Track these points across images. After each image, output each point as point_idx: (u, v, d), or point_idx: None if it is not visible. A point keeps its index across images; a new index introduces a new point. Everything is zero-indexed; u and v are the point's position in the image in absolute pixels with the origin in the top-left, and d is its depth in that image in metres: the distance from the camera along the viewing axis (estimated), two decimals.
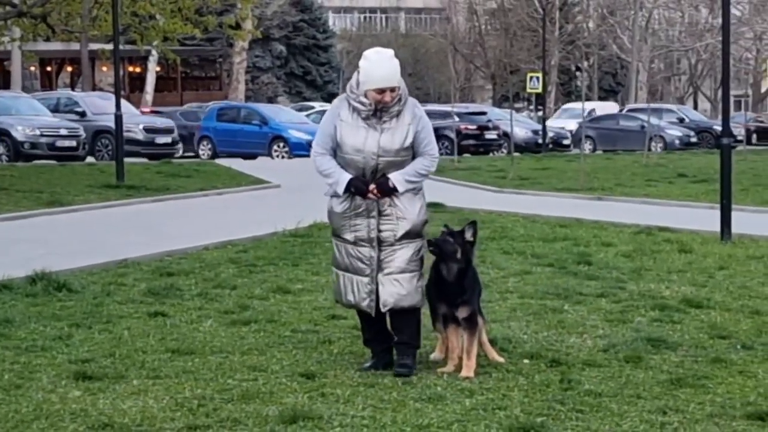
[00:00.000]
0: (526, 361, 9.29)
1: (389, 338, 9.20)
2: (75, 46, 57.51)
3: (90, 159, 37.07)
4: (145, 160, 36.80)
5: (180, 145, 41.99)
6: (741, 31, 67.86)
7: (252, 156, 41.87)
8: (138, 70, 71.44)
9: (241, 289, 12.69)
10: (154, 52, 56.17)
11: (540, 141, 50.09)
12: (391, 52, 9.08)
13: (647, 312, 11.49)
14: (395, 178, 8.91)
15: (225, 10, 46.11)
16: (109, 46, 34.59)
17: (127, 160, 28.92)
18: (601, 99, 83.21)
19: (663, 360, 9.37)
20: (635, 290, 12.82)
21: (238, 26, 45.25)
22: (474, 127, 48.84)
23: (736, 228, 17.77)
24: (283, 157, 42.53)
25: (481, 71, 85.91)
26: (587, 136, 50.32)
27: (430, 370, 9.01)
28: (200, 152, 44.13)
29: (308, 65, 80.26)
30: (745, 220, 18.82)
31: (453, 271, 8.91)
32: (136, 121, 39.55)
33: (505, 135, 46.55)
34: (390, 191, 8.92)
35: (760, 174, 31.83)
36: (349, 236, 9.02)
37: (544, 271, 14.26)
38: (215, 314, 11.26)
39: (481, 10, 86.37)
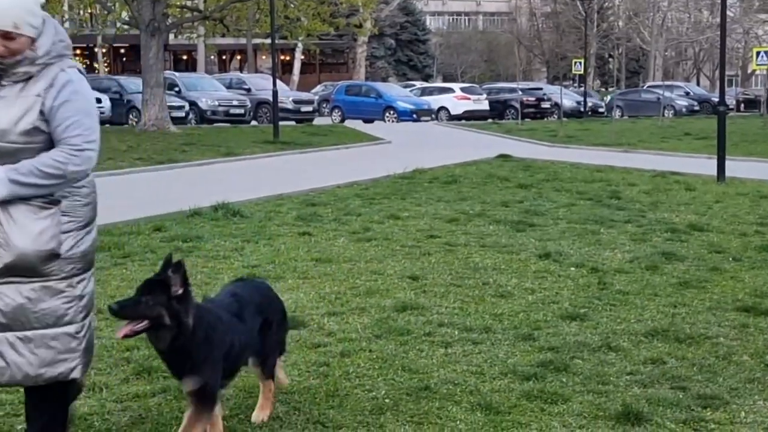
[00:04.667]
0: (572, 268, 9.24)
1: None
2: (242, 40, 57.77)
3: (254, 122, 37.37)
4: (293, 123, 37.03)
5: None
6: (733, 28, 66.04)
7: (370, 120, 41.87)
8: (287, 58, 71.56)
9: (364, 216, 12.75)
10: (299, 44, 56.27)
11: (582, 109, 49.60)
12: None
13: (662, 234, 11.38)
14: None
15: (351, 14, 46.10)
16: (267, 40, 34.81)
17: (280, 123, 29.10)
18: (627, 78, 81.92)
19: (674, 268, 9.28)
20: (653, 218, 12.69)
21: (360, 25, 45.31)
22: (533, 99, 48.60)
23: (728, 172, 17.57)
24: (392, 121, 42.46)
25: (539, 58, 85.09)
26: (617, 106, 49.66)
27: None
28: (333, 118, 44.24)
29: (411, 54, 79.86)
30: (735, 167, 18.48)
31: (165, 339, 4.43)
32: (287, 95, 39.74)
33: (556, 105, 46.19)
34: None
35: (746, 133, 31.29)
36: None
37: (585, 204, 14.15)
38: (346, 234, 11.33)
39: (539, 12, 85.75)
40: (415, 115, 42.73)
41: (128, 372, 5.98)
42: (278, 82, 30.74)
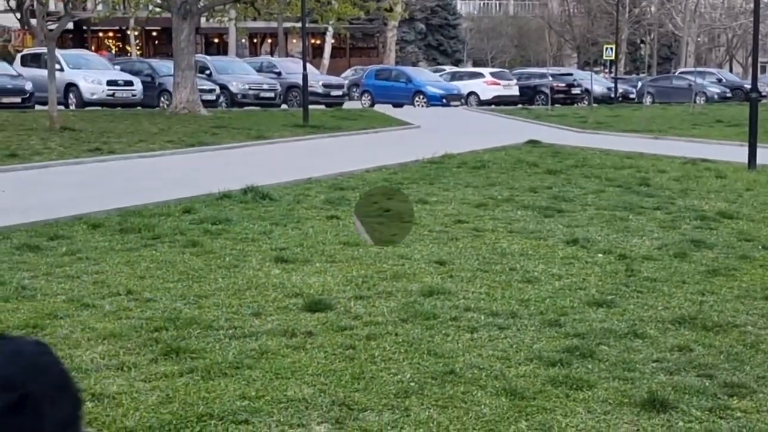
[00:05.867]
0: (600, 255, 9.22)
1: None
2: (273, 24, 57.82)
3: (284, 106, 37.37)
4: (323, 107, 37.01)
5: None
6: (767, 14, 65.50)
7: (399, 105, 41.79)
8: (318, 42, 71.50)
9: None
10: (330, 28, 56.25)
11: (612, 95, 49.33)
12: None
13: (691, 221, 11.32)
14: None
15: None
16: (298, 24, 34.79)
17: (310, 107, 29.10)
18: (659, 64, 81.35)
19: (702, 256, 9.23)
20: (682, 205, 12.62)
21: (391, 9, 45.21)
22: (563, 84, 48.22)
23: (760, 160, 17.40)
24: (422, 106, 42.36)
25: (569, 43, 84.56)
26: (648, 92, 49.35)
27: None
28: (362, 102, 44.15)
29: (441, 39, 79.60)
30: (767, 155, 18.30)
31: None
32: (317, 79, 39.73)
33: (586, 90, 45.91)
34: None
35: None
36: None
37: (614, 191, 14.09)
38: None
39: None
40: (444, 100, 42.61)
41: (156, 352, 6.03)
42: (308, 66, 30.74)
